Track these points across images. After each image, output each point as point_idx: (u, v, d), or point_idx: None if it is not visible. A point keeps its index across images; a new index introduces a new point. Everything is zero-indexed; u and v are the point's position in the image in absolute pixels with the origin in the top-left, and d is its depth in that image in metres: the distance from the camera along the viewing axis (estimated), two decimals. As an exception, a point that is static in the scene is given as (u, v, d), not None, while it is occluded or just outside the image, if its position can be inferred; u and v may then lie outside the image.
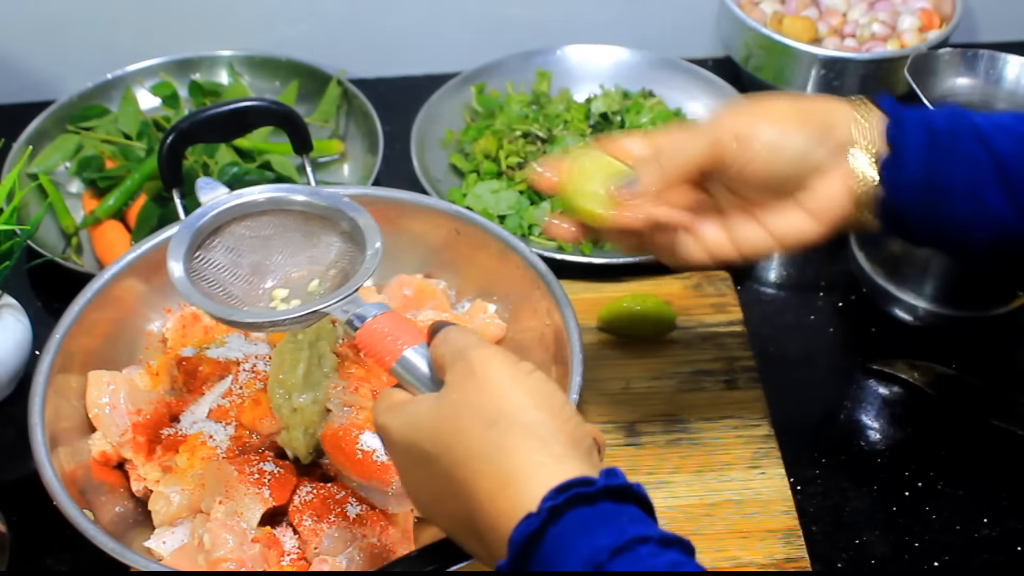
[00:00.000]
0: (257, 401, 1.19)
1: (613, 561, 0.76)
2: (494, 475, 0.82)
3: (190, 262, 1.08)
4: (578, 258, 1.50)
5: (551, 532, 0.78)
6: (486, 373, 0.87)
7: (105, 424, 1.21)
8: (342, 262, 1.11)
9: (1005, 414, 1.36)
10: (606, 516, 0.78)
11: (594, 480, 0.79)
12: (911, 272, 1.40)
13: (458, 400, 0.87)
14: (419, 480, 0.89)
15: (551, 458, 0.81)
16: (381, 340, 0.97)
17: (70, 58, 1.76)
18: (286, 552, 1.14)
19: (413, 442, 0.88)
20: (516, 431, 0.83)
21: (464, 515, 0.85)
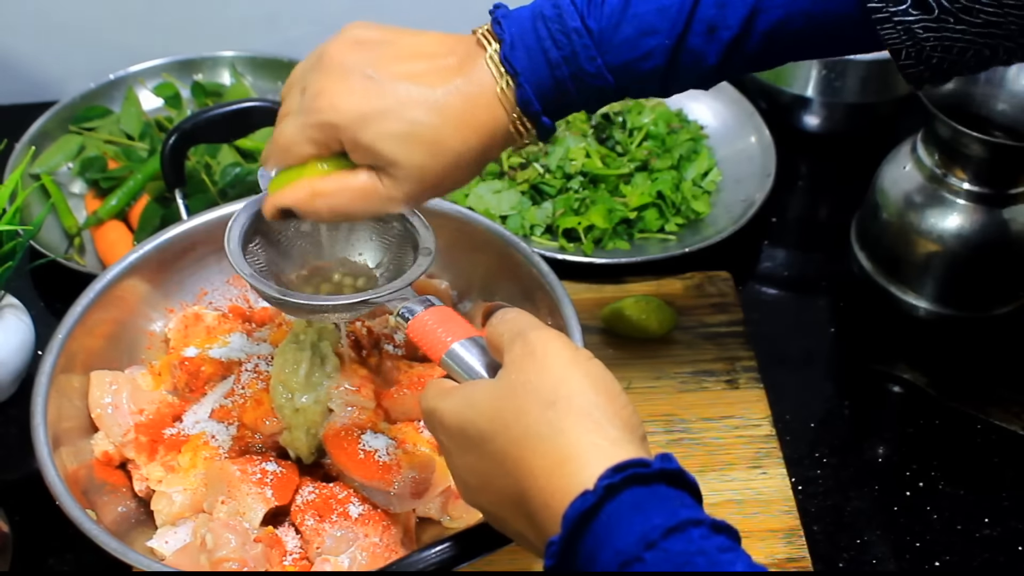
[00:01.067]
0: (259, 401, 1.19)
1: (666, 540, 0.76)
2: (551, 454, 0.82)
3: (246, 245, 1.11)
4: (580, 258, 1.50)
5: (606, 509, 0.78)
6: (546, 354, 0.88)
7: (107, 424, 1.21)
8: (393, 259, 1.14)
9: (1006, 414, 1.36)
10: (660, 498, 0.79)
11: (650, 462, 0.80)
12: (912, 272, 1.41)
13: (517, 380, 0.87)
14: (470, 462, 0.89)
15: (607, 441, 0.82)
16: (432, 333, 0.99)
17: (72, 59, 1.77)
18: (288, 552, 1.14)
19: (468, 421, 0.88)
20: (574, 413, 0.84)
21: (515, 495, 0.85)
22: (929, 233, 1.37)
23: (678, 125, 1.66)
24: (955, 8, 0.96)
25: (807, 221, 1.66)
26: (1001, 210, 1.35)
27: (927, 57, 1.00)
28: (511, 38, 1.01)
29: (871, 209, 1.44)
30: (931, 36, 0.98)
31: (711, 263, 1.52)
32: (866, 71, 1.62)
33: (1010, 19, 0.97)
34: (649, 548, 0.76)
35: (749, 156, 1.65)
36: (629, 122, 1.65)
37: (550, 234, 1.56)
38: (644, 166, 1.60)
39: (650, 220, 1.56)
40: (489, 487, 0.88)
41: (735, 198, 1.60)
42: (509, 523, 0.88)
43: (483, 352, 0.96)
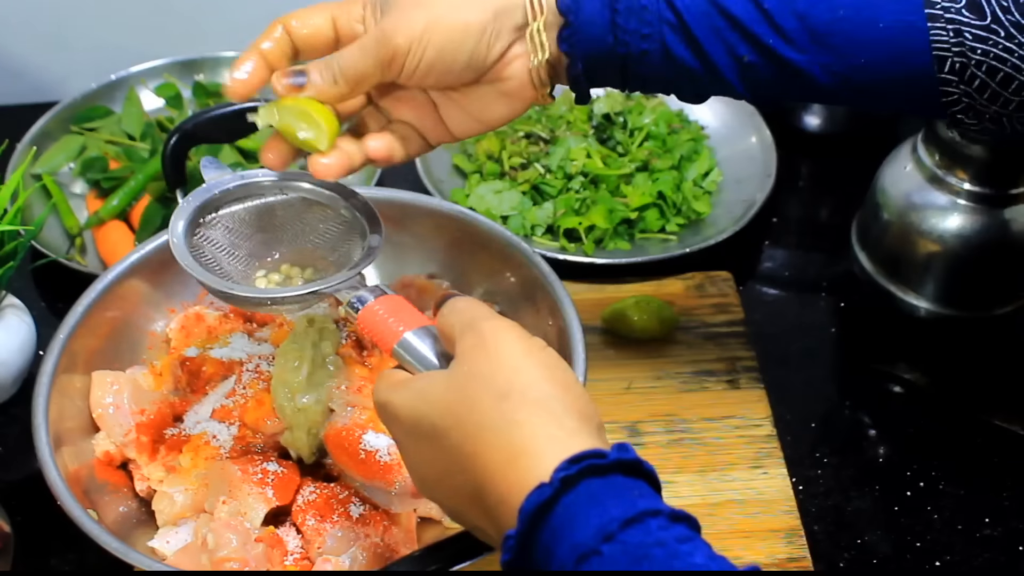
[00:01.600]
0: (260, 401, 1.19)
1: (624, 532, 0.76)
2: (506, 447, 0.81)
3: (191, 237, 1.09)
4: (581, 258, 1.50)
5: (563, 502, 0.77)
6: (498, 345, 0.86)
7: (109, 424, 1.21)
8: (343, 248, 1.11)
9: (1007, 414, 1.36)
10: (617, 489, 0.78)
11: (606, 453, 0.79)
12: (912, 272, 1.41)
13: (469, 372, 0.86)
14: (425, 456, 0.89)
15: (563, 432, 0.81)
16: (382, 322, 0.97)
17: (74, 59, 1.77)
18: (289, 552, 1.14)
19: (422, 415, 0.87)
20: (528, 404, 0.83)
21: (471, 489, 0.84)
22: (930, 233, 1.37)
23: (679, 125, 1.66)
24: (1008, 20, 0.94)
25: (808, 221, 1.66)
26: (1002, 210, 1.35)
27: (970, 76, 0.97)
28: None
29: (872, 209, 1.44)
30: (979, 47, 0.96)
31: (712, 263, 1.52)
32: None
33: None
34: (607, 540, 0.76)
35: (750, 156, 1.65)
36: (630, 122, 1.65)
37: (551, 234, 1.56)
38: (645, 166, 1.60)
39: (651, 220, 1.56)
40: (445, 481, 0.87)
41: (736, 198, 1.60)
42: (467, 517, 0.87)
43: (436, 341, 0.94)
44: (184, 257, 1.06)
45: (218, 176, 1.13)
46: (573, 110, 1.66)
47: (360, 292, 1.01)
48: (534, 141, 1.62)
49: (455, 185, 1.61)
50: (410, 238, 1.35)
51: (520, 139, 1.62)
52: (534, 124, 1.64)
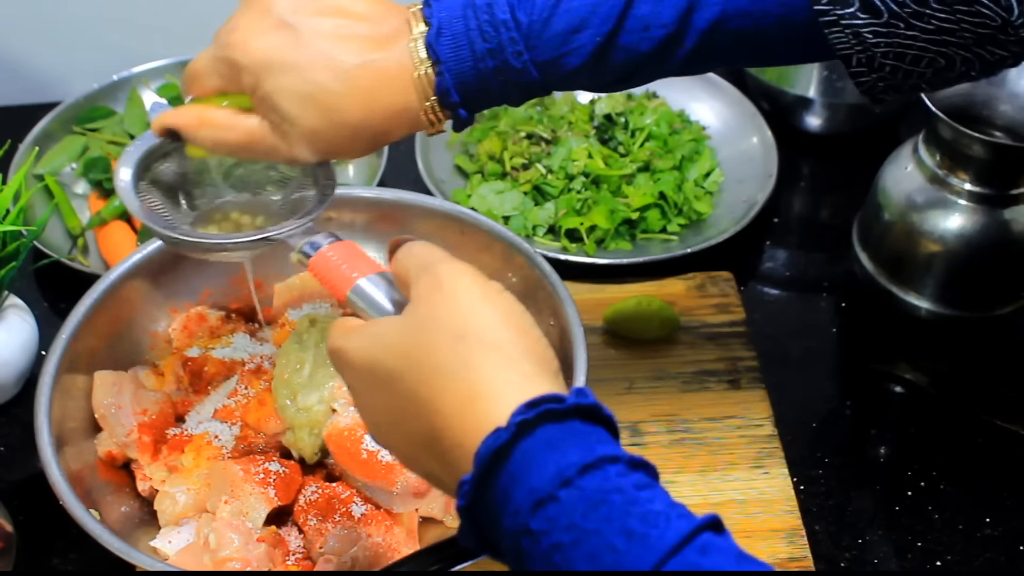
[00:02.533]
0: (262, 401, 1.19)
1: (582, 478, 0.75)
2: (461, 390, 0.80)
3: (139, 182, 1.07)
4: (582, 259, 1.50)
5: (520, 447, 0.76)
6: (455, 288, 0.84)
7: (111, 424, 1.21)
8: (297, 195, 1.10)
9: (1007, 414, 1.36)
10: (576, 434, 0.77)
11: (564, 398, 0.78)
12: (913, 273, 1.41)
13: (425, 314, 0.84)
14: (379, 402, 0.87)
15: (520, 375, 0.80)
16: (335, 268, 0.95)
17: (76, 59, 1.77)
18: (291, 551, 1.14)
19: (376, 360, 0.85)
20: (485, 347, 0.81)
21: (426, 434, 0.82)
22: (931, 233, 1.37)
23: (680, 126, 1.66)
24: (905, 13, 0.95)
25: (809, 221, 1.66)
26: (1002, 210, 1.36)
27: (879, 65, 0.98)
28: (439, 23, 0.99)
29: (873, 210, 1.45)
30: (881, 42, 0.96)
31: (713, 263, 1.52)
32: (868, 72, 1.62)
33: (963, 26, 0.95)
34: (564, 486, 0.74)
35: (751, 157, 1.65)
36: (631, 123, 1.65)
37: (552, 234, 1.56)
38: (646, 167, 1.60)
39: (652, 220, 1.56)
40: (399, 427, 0.85)
41: (737, 198, 1.60)
42: (421, 463, 0.86)
43: (391, 287, 0.93)
44: (131, 202, 1.05)
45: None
46: (575, 111, 1.66)
47: (313, 238, 0.99)
48: (536, 141, 1.62)
49: (457, 185, 1.62)
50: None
51: (522, 139, 1.62)
52: (536, 124, 1.64)
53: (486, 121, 1.68)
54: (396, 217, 1.34)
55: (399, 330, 0.85)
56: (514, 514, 0.76)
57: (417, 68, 0.99)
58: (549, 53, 1.00)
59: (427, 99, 1.00)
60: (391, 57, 0.99)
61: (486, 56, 0.99)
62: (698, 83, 1.73)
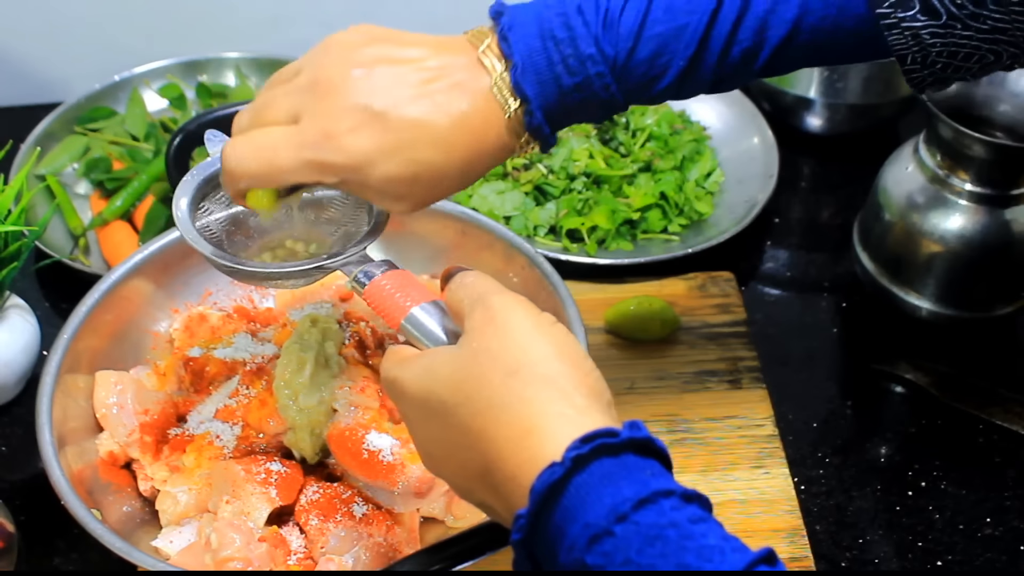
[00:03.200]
0: (263, 401, 1.19)
1: (637, 512, 0.75)
2: (515, 424, 0.81)
3: (195, 211, 1.08)
4: (583, 259, 1.50)
5: (574, 481, 0.77)
6: (507, 320, 0.86)
7: (112, 424, 1.21)
8: (348, 224, 1.10)
9: (1008, 414, 1.36)
10: (630, 468, 0.78)
11: (618, 432, 0.79)
12: (914, 273, 1.41)
13: (479, 348, 0.85)
14: (433, 433, 0.88)
15: (573, 409, 0.81)
16: (389, 297, 0.96)
17: (77, 60, 1.77)
18: (293, 551, 1.14)
19: (430, 392, 0.87)
20: (538, 381, 0.82)
21: (480, 466, 0.83)
22: (931, 234, 1.37)
23: (681, 126, 1.66)
24: (963, 14, 0.96)
25: (810, 222, 1.66)
26: (1003, 211, 1.36)
27: (932, 62, 1.00)
28: (521, 61, 0.97)
29: (873, 210, 1.45)
30: (937, 42, 0.98)
31: (714, 263, 1.52)
32: (868, 72, 1.62)
33: (1016, 25, 0.97)
34: (619, 521, 0.75)
35: (752, 157, 1.65)
36: (632, 123, 1.65)
37: (553, 235, 1.56)
38: (647, 167, 1.60)
39: (653, 221, 1.56)
40: (453, 458, 0.86)
41: (738, 199, 1.60)
42: (475, 494, 0.87)
43: (444, 316, 0.93)
44: (189, 232, 1.06)
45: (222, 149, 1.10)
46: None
47: (366, 266, 0.99)
48: (537, 142, 1.62)
49: (458, 185, 1.62)
50: (413, 239, 1.35)
51: (523, 140, 1.62)
52: (536, 125, 1.64)
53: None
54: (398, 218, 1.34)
55: (453, 362, 0.86)
56: (569, 549, 0.76)
57: (506, 110, 0.98)
58: (635, 80, 1.00)
59: (520, 136, 0.99)
60: (479, 107, 0.97)
61: (573, 90, 0.98)
62: (699, 83, 1.73)
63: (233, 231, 1.11)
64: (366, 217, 1.08)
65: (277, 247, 1.12)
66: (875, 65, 1.61)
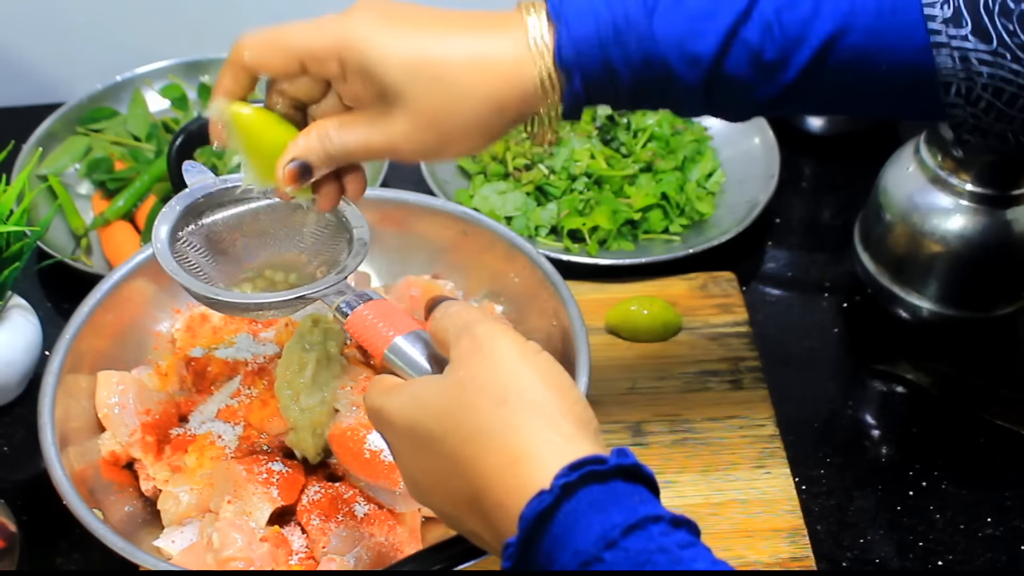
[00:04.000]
0: (265, 402, 1.20)
1: (626, 539, 0.75)
2: (503, 452, 0.81)
3: (174, 242, 1.08)
4: (584, 259, 1.51)
5: (563, 509, 0.77)
6: (494, 349, 0.86)
7: (114, 424, 1.21)
8: (329, 253, 1.10)
9: (1009, 414, 1.36)
10: (618, 495, 0.78)
11: (606, 459, 0.79)
12: (915, 273, 1.41)
13: (465, 376, 0.85)
14: (420, 462, 0.88)
15: (561, 437, 0.81)
16: (372, 327, 0.96)
17: (79, 60, 1.77)
18: (294, 551, 1.14)
19: (416, 421, 0.87)
20: (526, 409, 0.82)
21: (468, 494, 0.84)
22: (932, 234, 1.37)
23: (682, 127, 1.66)
24: (1014, 43, 0.95)
25: (811, 222, 1.66)
26: (1004, 211, 1.36)
27: (976, 98, 0.98)
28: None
29: (874, 210, 1.45)
30: (985, 71, 0.96)
31: (715, 264, 1.52)
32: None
33: None
34: (609, 547, 0.75)
35: (753, 157, 1.65)
36: (633, 124, 1.65)
37: (555, 235, 1.56)
38: (648, 167, 1.60)
39: (654, 221, 1.57)
40: (440, 487, 0.87)
41: (739, 199, 1.61)
42: (463, 523, 0.87)
43: (427, 346, 0.94)
44: (168, 262, 1.06)
45: (201, 180, 1.12)
46: (577, 111, 1.67)
47: (348, 297, 1.00)
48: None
49: (459, 186, 1.62)
50: (414, 239, 1.35)
51: (524, 140, 1.62)
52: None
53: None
54: (399, 218, 1.34)
55: (440, 391, 0.86)
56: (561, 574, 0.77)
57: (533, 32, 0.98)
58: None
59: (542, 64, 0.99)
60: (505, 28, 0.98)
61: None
62: (700, 84, 1.73)
63: (212, 261, 1.11)
64: (346, 246, 1.08)
65: (256, 277, 1.12)
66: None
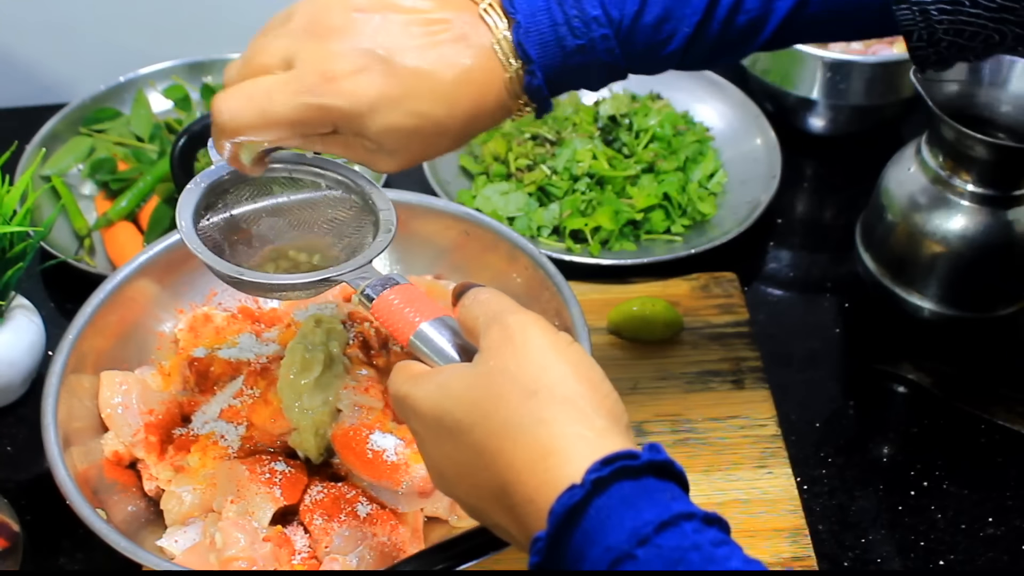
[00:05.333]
0: (268, 401, 1.20)
1: (659, 535, 0.74)
2: (534, 445, 0.79)
3: (199, 221, 1.06)
4: (586, 259, 1.51)
5: (595, 504, 0.76)
6: (525, 340, 0.84)
7: (118, 424, 1.21)
8: (354, 235, 1.09)
9: (1010, 414, 1.36)
10: (650, 491, 0.77)
11: (639, 454, 0.78)
12: (916, 273, 1.41)
13: (496, 367, 0.84)
14: (446, 452, 0.86)
15: (593, 431, 0.79)
16: (398, 312, 0.94)
17: (83, 61, 1.77)
18: (297, 551, 1.14)
19: (445, 411, 0.85)
20: (557, 402, 0.81)
21: (495, 487, 0.82)
22: (934, 234, 1.38)
23: (684, 127, 1.66)
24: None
25: (812, 222, 1.67)
26: (1005, 211, 1.36)
27: (937, 40, 0.99)
28: (524, 20, 0.96)
29: (876, 211, 1.45)
30: (945, 19, 0.98)
31: (717, 264, 1.52)
32: (871, 73, 1.62)
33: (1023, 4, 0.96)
34: (641, 544, 0.74)
35: (755, 158, 1.65)
36: (635, 124, 1.65)
37: (557, 235, 1.57)
38: (650, 168, 1.61)
39: (656, 221, 1.57)
40: (467, 478, 0.85)
41: (741, 199, 1.61)
42: (489, 515, 0.85)
43: (454, 334, 0.92)
44: (192, 241, 1.04)
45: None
46: (579, 112, 1.67)
47: (373, 282, 0.98)
48: (540, 143, 1.63)
49: (461, 186, 1.62)
50: (417, 239, 1.35)
51: (526, 141, 1.63)
52: (540, 126, 1.64)
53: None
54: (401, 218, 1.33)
55: (469, 381, 0.85)
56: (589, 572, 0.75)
57: (508, 69, 0.97)
58: (640, 45, 0.99)
59: (519, 98, 0.99)
60: (482, 64, 0.97)
61: (575, 52, 0.98)
62: (702, 84, 1.73)
63: (236, 240, 1.10)
64: (372, 228, 1.07)
65: (279, 258, 1.11)
66: (877, 67, 1.61)
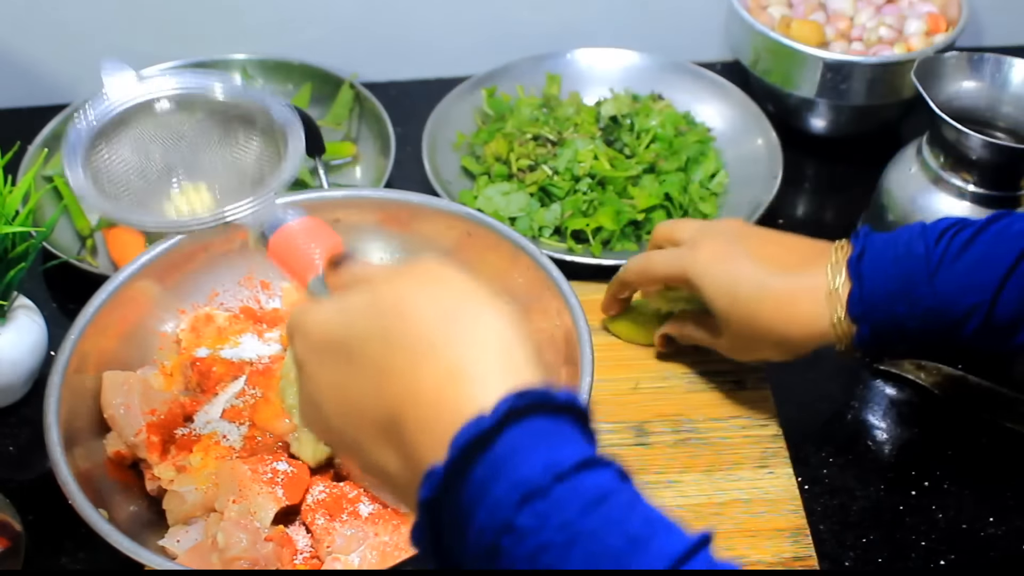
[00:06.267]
0: (270, 401, 1.20)
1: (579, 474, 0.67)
2: (439, 364, 0.72)
3: (91, 158, 1.00)
4: (588, 260, 1.51)
5: (506, 434, 0.68)
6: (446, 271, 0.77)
7: (120, 424, 1.21)
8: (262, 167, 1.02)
9: (1011, 414, 1.36)
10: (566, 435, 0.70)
11: (557, 394, 0.70)
12: (918, 273, 1.41)
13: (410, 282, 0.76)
14: (331, 377, 0.78)
15: (511, 362, 0.72)
16: (296, 251, 0.86)
17: (85, 61, 1.77)
18: (299, 551, 1.15)
19: (339, 325, 0.77)
20: (476, 326, 0.73)
21: (384, 416, 0.74)
22: (935, 234, 1.38)
23: (685, 128, 1.67)
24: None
25: (813, 223, 1.67)
26: (1006, 212, 1.36)
27: None
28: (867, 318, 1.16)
29: (877, 211, 1.45)
30: None
31: (718, 264, 1.52)
32: (872, 74, 1.62)
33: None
34: (558, 480, 0.67)
35: (756, 158, 1.65)
36: (637, 124, 1.65)
37: (559, 235, 1.57)
38: (652, 168, 1.61)
39: (658, 222, 1.57)
40: (351, 406, 0.77)
41: (742, 200, 1.61)
42: (368, 451, 0.77)
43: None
44: (78, 181, 0.98)
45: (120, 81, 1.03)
46: (581, 112, 1.67)
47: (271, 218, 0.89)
48: (542, 143, 1.63)
49: (463, 187, 1.62)
50: (418, 239, 1.36)
51: (528, 141, 1.63)
52: (542, 126, 1.64)
53: (492, 123, 1.68)
54: (403, 218, 1.35)
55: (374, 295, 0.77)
56: (492, 508, 0.68)
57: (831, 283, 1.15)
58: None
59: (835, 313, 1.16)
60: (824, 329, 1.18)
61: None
62: (703, 85, 1.74)
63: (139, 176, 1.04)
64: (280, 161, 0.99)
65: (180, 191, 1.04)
66: (878, 67, 1.61)
